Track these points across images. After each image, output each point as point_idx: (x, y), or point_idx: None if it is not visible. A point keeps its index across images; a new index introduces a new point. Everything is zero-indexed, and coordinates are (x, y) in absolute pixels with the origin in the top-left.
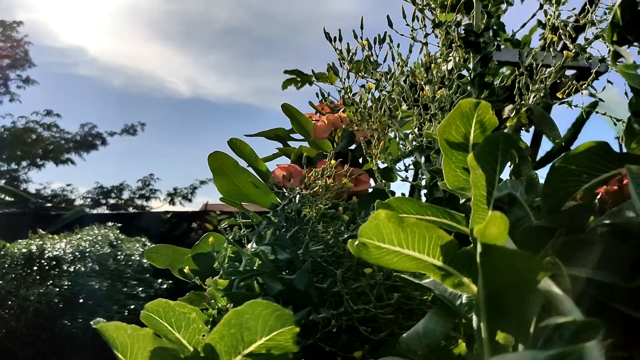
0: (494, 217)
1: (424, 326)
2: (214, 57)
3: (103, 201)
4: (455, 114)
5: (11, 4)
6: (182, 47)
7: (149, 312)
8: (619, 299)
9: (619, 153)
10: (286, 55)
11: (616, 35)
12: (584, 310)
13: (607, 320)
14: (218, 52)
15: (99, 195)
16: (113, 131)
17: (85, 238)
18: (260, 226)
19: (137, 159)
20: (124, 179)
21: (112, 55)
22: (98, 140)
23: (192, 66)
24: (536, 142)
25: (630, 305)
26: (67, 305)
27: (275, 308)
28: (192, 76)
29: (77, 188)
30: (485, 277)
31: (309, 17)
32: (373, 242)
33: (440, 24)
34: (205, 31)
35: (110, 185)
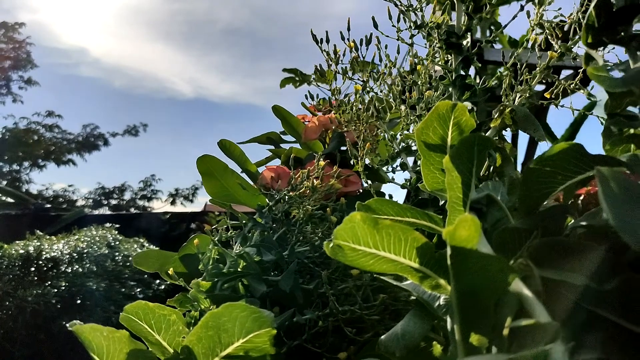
0: (464, 220)
1: (403, 328)
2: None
3: (105, 202)
4: (433, 116)
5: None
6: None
7: (128, 314)
8: (594, 301)
9: (592, 155)
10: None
11: (591, 37)
12: (561, 313)
13: (585, 323)
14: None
15: (100, 196)
16: (115, 132)
17: (83, 239)
18: (246, 228)
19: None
20: (126, 180)
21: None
22: (100, 141)
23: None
24: (533, 142)
25: (605, 307)
26: (65, 306)
27: (252, 310)
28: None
29: (79, 189)
30: (457, 280)
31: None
32: (348, 245)
33: (422, 26)
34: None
35: (112, 186)
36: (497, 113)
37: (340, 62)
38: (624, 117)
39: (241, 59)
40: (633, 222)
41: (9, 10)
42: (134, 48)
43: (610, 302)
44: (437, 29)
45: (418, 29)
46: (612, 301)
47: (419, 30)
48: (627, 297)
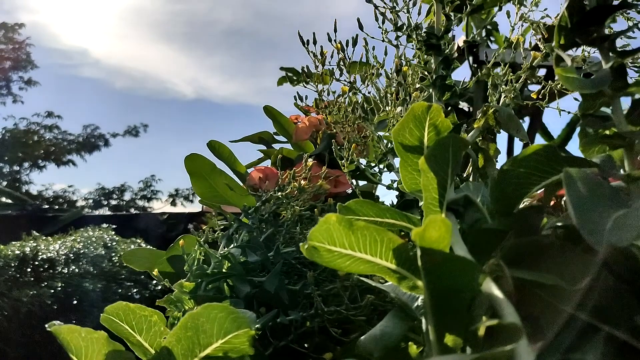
0: (433, 221)
1: (381, 329)
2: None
3: (105, 202)
4: (409, 117)
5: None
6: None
7: (109, 315)
8: (567, 301)
9: (564, 156)
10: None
11: (564, 38)
12: (534, 312)
13: (558, 323)
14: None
15: (100, 197)
16: (115, 132)
17: (79, 240)
18: (231, 228)
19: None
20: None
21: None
22: (100, 141)
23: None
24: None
25: (578, 307)
26: (61, 307)
27: (230, 311)
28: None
29: (79, 189)
30: (428, 281)
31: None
32: (324, 246)
33: (402, 28)
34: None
35: (112, 186)
36: (480, 113)
37: (328, 64)
38: (597, 118)
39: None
40: (595, 223)
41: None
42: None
43: (583, 301)
44: (416, 31)
45: (398, 31)
46: (584, 300)
47: (400, 32)
48: (599, 297)
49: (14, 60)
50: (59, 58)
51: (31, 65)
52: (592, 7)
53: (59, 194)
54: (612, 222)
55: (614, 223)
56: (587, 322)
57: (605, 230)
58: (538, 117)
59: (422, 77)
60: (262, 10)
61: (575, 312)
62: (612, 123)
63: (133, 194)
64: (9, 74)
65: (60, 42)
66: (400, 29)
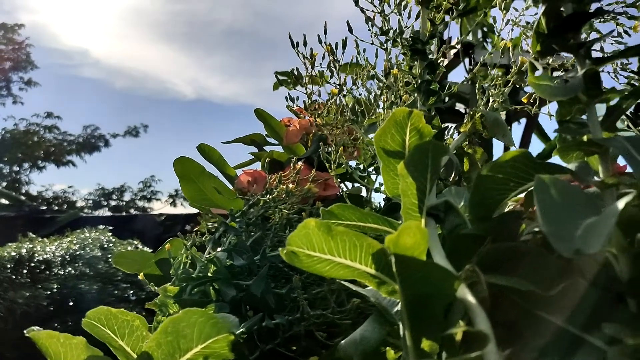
0: (407, 227)
1: (361, 333)
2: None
3: (104, 203)
4: (390, 122)
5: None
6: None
7: (90, 320)
8: (542, 307)
9: (540, 162)
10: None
11: (540, 44)
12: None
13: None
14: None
15: (100, 197)
16: (116, 133)
17: (75, 241)
18: (217, 232)
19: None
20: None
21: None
22: (100, 142)
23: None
24: (525, 144)
25: (552, 312)
26: (57, 308)
27: (210, 316)
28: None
29: (79, 190)
30: (403, 287)
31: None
32: (303, 251)
33: (387, 32)
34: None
35: (112, 187)
36: (467, 118)
37: (319, 65)
38: (573, 124)
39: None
40: (565, 230)
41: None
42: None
43: (558, 307)
44: (401, 35)
45: (384, 35)
46: (559, 306)
47: (386, 37)
48: (574, 302)
49: (13, 61)
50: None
51: (31, 66)
52: (568, 13)
53: (58, 195)
54: (583, 229)
55: (584, 230)
56: (562, 328)
57: (575, 237)
58: (534, 118)
59: (407, 82)
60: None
61: (551, 318)
62: (587, 130)
63: (133, 195)
64: (8, 74)
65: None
66: (386, 34)
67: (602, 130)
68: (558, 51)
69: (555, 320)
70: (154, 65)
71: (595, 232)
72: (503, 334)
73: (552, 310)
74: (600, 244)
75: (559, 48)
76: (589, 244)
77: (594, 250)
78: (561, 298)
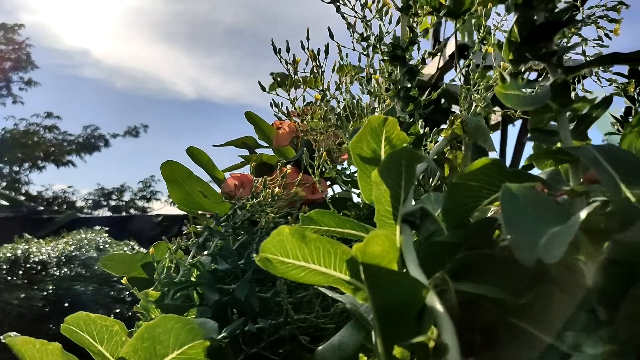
0: (375, 236)
1: (339, 339)
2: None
3: (104, 203)
4: (366, 129)
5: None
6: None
7: (69, 325)
8: (514, 314)
9: (511, 170)
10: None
11: (513, 53)
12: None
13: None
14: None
15: (100, 197)
16: (115, 133)
17: (71, 242)
18: (201, 236)
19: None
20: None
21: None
22: (100, 142)
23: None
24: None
25: (525, 319)
26: (52, 309)
27: (186, 322)
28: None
29: (79, 190)
30: (373, 295)
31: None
32: (277, 258)
33: (367, 38)
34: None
35: (112, 187)
36: (448, 123)
37: (303, 71)
38: (545, 133)
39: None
40: (528, 238)
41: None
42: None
43: (529, 314)
44: (380, 42)
45: (363, 41)
46: (530, 313)
47: (366, 42)
48: (544, 309)
49: (13, 61)
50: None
51: (31, 66)
52: (540, 22)
53: (58, 195)
54: (547, 237)
55: (548, 238)
56: (534, 335)
57: (539, 245)
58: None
59: (387, 88)
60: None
61: (523, 325)
62: (558, 138)
63: (132, 195)
64: (9, 74)
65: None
66: (366, 40)
67: (573, 138)
68: (530, 59)
69: (527, 328)
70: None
71: (558, 241)
72: (481, 341)
73: (524, 317)
74: (560, 253)
75: (531, 56)
76: (550, 252)
77: (555, 260)
78: (533, 305)
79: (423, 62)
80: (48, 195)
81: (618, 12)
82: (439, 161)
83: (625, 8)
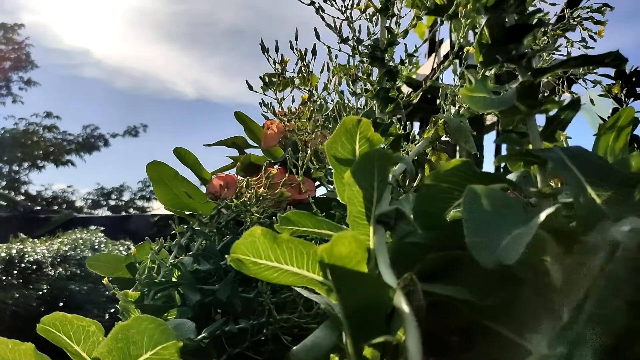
0: (342, 237)
1: (313, 339)
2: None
3: (103, 202)
4: (340, 130)
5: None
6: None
7: (45, 325)
8: (484, 315)
9: (480, 172)
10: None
11: (483, 55)
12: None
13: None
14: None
15: (99, 197)
16: (115, 133)
17: (66, 242)
18: (183, 237)
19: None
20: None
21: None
22: (100, 141)
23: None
24: None
25: (493, 320)
26: (47, 309)
27: (159, 323)
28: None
29: (78, 190)
30: (340, 296)
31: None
32: (249, 259)
33: (347, 40)
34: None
35: (111, 186)
36: (430, 124)
37: (293, 71)
38: (514, 134)
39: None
40: (489, 240)
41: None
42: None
43: (498, 314)
44: (359, 43)
45: (343, 42)
46: (499, 314)
47: (345, 44)
48: (512, 309)
49: (13, 61)
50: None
51: (31, 66)
52: (510, 24)
53: (58, 194)
54: (509, 239)
55: (510, 240)
56: (502, 336)
57: (499, 247)
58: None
59: (366, 89)
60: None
61: (491, 325)
62: (528, 140)
63: (132, 194)
64: (8, 74)
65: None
66: (345, 42)
67: (542, 140)
68: (501, 62)
69: (497, 329)
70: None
71: (517, 243)
72: (455, 342)
73: (494, 318)
74: (517, 255)
75: (502, 59)
76: (508, 254)
77: (512, 261)
78: (502, 307)
79: (402, 63)
80: (47, 194)
81: (602, 14)
82: (420, 162)
83: (610, 10)
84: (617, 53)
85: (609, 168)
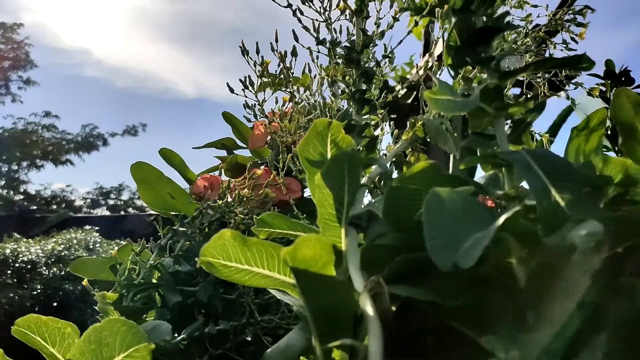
0: (306, 240)
1: (286, 341)
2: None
3: (102, 202)
4: (312, 133)
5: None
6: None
7: (20, 327)
8: (451, 317)
9: (446, 174)
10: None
11: (452, 57)
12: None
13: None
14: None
15: (98, 196)
16: (114, 132)
17: (60, 242)
18: (164, 238)
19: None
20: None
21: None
22: (99, 141)
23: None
24: None
25: (460, 322)
26: (41, 309)
27: (131, 325)
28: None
29: (77, 189)
30: (306, 299)
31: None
32: (219, 261)
33: (323, 42)
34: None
35: (110, 186)
36: (409, 125)
37: (275, 72)
38: (482, 137)
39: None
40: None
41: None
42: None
43: (464, 316)
44: (335, 45)
45: (320, 44)
46: (465, 315)
47: (322, 46)
48: (478, 311)
49: (12, 60)
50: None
51: (30, 65)
52: (479, 27)
53: (57, 194)
54: (470, 242)
55: (471, 243)
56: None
57: (459, 250)
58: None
59: (342, 90)
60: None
61: (457, 327)
62: (495, 142)
63: (131, 194)
64: (7, 73)
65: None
66: (321, 43)
67: (510, 142)
68: (470, 64)
69: (463, 330)
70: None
71: (476, 246)
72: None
73: (460, 320)
74: (475, 258)
75: (470, 61)
76: (465, 258)
77: (469, 265)
78: (469, 308)
79: (377, 65)
80: (46, 194)
81: (584, 16)
82: (399, 164)
83: (591, 12)
84: (584, 55)
85: (573, 170)
